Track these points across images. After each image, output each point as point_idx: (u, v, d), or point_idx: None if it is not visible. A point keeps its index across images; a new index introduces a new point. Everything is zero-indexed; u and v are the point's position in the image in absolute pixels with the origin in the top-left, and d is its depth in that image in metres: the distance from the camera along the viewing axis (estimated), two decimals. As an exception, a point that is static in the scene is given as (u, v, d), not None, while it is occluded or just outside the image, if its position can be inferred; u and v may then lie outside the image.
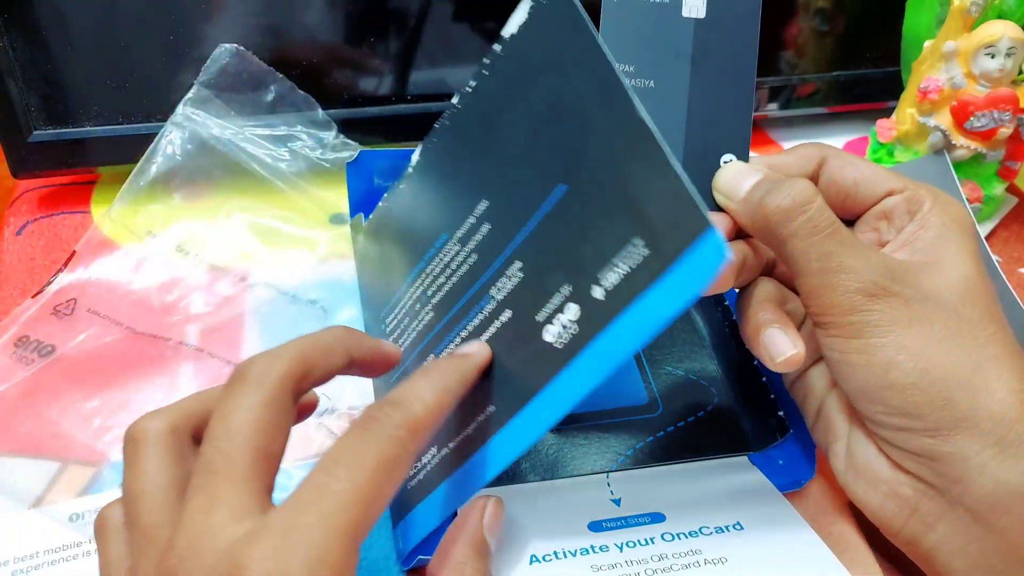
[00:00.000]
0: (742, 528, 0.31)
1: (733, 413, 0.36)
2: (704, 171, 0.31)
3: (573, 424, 0.35)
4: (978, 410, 0.26)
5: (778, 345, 0.29)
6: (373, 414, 0.23)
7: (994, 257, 0.43)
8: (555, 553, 0.29)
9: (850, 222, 0.32)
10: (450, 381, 0.25)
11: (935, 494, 0.27)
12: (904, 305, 0.27)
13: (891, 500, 0.29)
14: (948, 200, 0.31)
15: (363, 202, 0.44)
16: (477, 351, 0.28)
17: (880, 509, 0.29)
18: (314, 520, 0.20)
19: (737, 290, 0.33)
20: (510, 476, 0.33)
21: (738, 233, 0.31)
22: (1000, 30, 0.42)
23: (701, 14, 0.30)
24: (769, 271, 0.33)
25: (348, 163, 0.42)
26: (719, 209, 0.31)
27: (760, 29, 0.30)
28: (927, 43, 0.45)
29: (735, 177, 0.30)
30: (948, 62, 0.44)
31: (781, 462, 0.34)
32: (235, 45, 0.45)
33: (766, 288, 0.31)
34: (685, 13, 0.30)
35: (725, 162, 0.31)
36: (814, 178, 0.32)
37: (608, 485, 0.33)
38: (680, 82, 0.30)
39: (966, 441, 0.26)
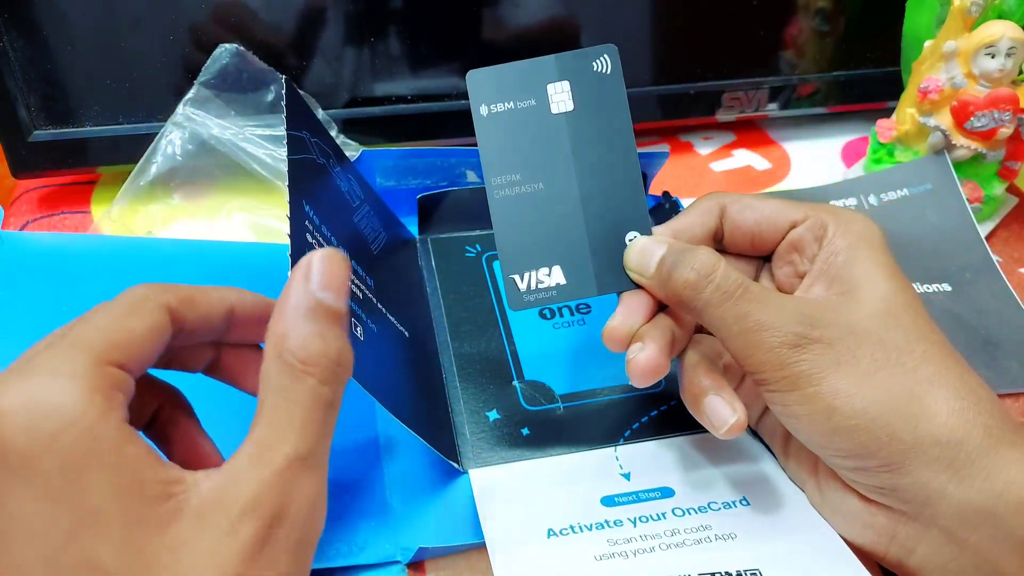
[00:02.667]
0: (748, 504, 0.32)
1: None
2: (614, 253, 0.32)
3: (579, 401, 0.36)
4: (923, 439, 0.26)
5: (719, 414, 0.29)
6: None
7: (994, 257, 0.43)
8: (571, 527, 0.30)
9: (768, 257, 0.33)
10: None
11: (908, 520, 0.28)
12: (828, 348, 0.27)
13: (868, 530, 0.29)
14: (850, 217, 0.31)
15: None
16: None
17: (861, 539, 0.29)
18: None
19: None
20: (521, 452, 0.34)
21: (660, 305, 0.31)
22: (1000, 30, 0.42)
23: (570, 107, 0.32)
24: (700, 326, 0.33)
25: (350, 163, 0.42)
26: (637, 286, 0.32)
27: (629, 107, 0.32)
28: (927, 43, 0.45)
29: (641, 254, 0.31)
30: (948, 62, 0.44)
31: None
32: (235, 45, 0.45)
33: (697, 351, 0.31)
34: (554, 110, 0.32)
35: (630, 239, 0.32)
36: (719, 229, 0.33)
37: (617, 459, 0.34)
38: (567, 177, 0.32)
39: (920, 470, 0.26)
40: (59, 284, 0.38)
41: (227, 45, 0.45)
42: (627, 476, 0.33)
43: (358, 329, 0.30)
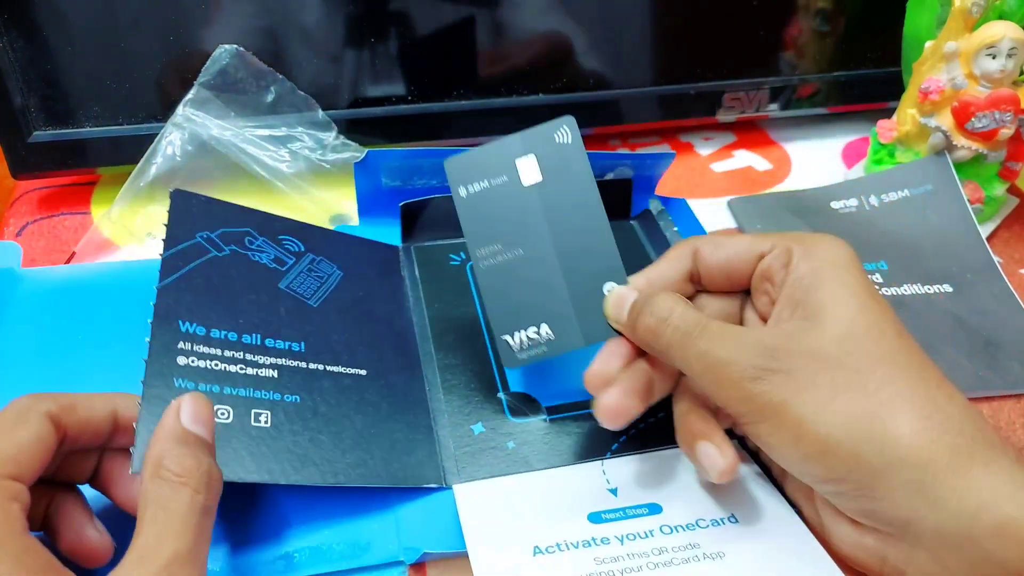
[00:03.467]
0: (737, 521, 0.31)
1: None
2: (594, 304, 0.34)
3: (565, 413, 0.36)
4: (890, 462, 0.26)
5: (711, 460, 0.30)
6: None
7: (995, 258, 0.43)
8: (558, 545, 0.30)
9: (748, 291, 0.34)
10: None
11: (895, 541, 0.28)
12: (789, 378, 0.28)
13: (860, 551, 0.29)
14: (816, 241, 0.31)
15: (371, 203, 0.43)
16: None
17: (854, 560, 0.30)
18: None
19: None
20: (506, 466, 0.33)
21: (641, 351, 0.33)
22: (1001, 31, 0.42)
23: (540, 178, 0.34)
24: None
25: (355, 163, 0.42)
26: (619, 334, 0.33)
27: (592, 171, 0.34)
28: (928, 44, 0.45)
29: (616, 304, 0.33)
30: (949, 63, 0.44)
31: None
32: (235, 46, 0.45)
33: (687, 398, 0.32)
34: (525, 183, 0.34)
35: (608, 290, 0.34)
36: (695, 272, 0.34)
37: (604, 474, 0.33)
38: (544, 240, 0.34)
39: (892, 493, 0.26)
40: (77, 317, 0.39)
41: (227, 46, 0.45)
42: (614, 492, 0.32)
43: (262, 417, 0.31)
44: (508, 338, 0.34)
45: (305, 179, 0.47)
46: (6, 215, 0.48)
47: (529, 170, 0.34)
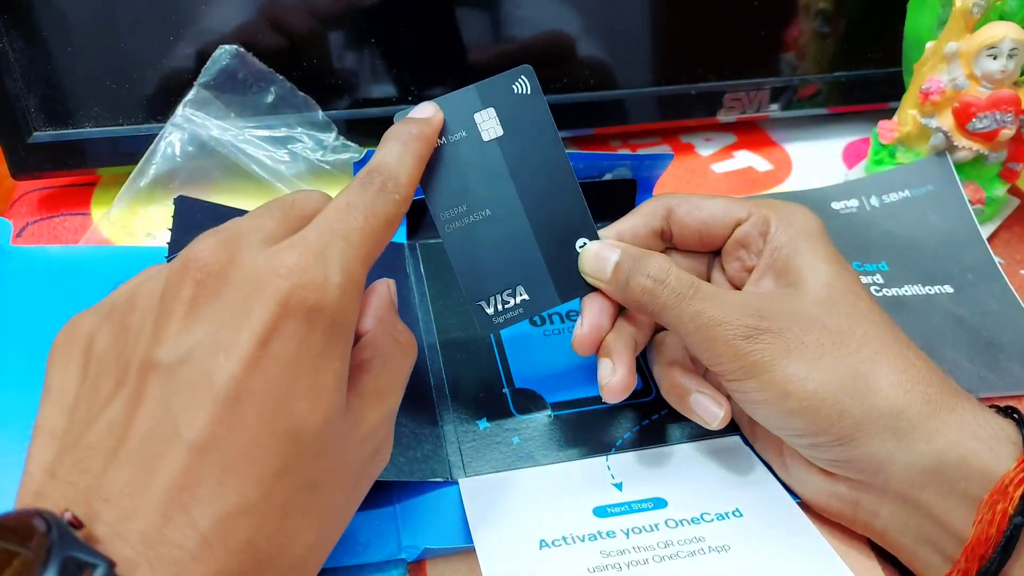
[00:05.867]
0: (741, 515, 0.32)
1: None
2: (568, 261, 0.34)
3: (570, 409, 0.36)
4: (870, 412, 0.29)
5: (708, 410, 0.32)
6: (372, 180, 0.27)
7: (996, 259, 0.43)
8: (564, 538, 0.30)
9: (717, 252, 0.35)
10: (421, 149, 0.30)
11: (867, 487, 0.30)
12: (778, 337, 0.30)
13: (834, 500, 0.31)
14: (791, 211, 0.33)
15: None
16: (432, 113, 0.31)
17: (828, 508, 0.31)
18: (344, 245, 0.25)
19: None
20: (511, 460, 0.34)
21: (619, 306, 0.34)
22: (1002, 31, 0.42)
23: (500, 132, 0.33)
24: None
25: (355, 163, 0.42)
26: (594, 289, 0.33)
27: (554, 122, 0.33)
28: (929, 44, 0.45)
29: (596, 260, 0.33)
30: (950, 63, 0.44)
31: None
32: (235, 46, 0.45)
33: (665, 354, 0.34)
34: (486, 138, 0.33)
35: (581, 246, 0.33)
36: (666, 230, 0.35)
37: (608, 469, 0.34)
38: (511, 199, 0.33)
39: (869, 441, 0.29)
40: (71, 296, 0.38)
41: (227, 46, 0.45)
42: (619, 486, 0.33)
43: None
44: (483, 304, 0.33)
45: (305, 180, 0.47)
46: (6, 216, 0.48)
47: (489, 124, 0.33)
